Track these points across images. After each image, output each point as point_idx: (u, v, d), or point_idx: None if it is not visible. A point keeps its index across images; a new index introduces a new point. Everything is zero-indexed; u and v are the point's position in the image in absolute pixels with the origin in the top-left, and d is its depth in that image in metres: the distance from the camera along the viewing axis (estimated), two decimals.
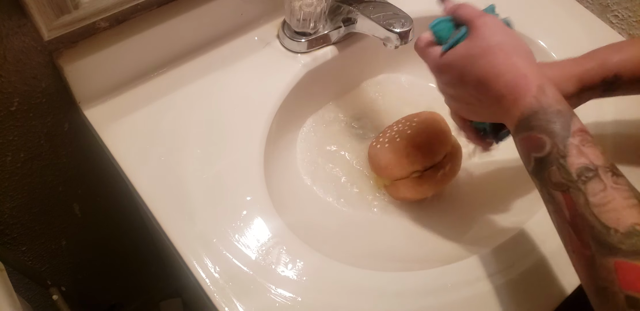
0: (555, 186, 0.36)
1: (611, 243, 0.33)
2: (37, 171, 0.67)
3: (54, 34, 0.50)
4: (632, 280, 0.31)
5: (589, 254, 0.33)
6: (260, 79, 0.62)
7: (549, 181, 0.37)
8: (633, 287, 0.31)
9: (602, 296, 0.33)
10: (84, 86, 0.57)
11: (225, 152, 0.57)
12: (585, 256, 0.34)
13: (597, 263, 0.33)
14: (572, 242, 0.35)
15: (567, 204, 0.35)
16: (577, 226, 0.34)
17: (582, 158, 0.36)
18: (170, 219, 0.53)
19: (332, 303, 0.50)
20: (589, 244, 0.34)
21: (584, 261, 0.34)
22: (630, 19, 0.72)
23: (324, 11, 0.61)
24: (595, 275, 0.33)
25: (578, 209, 0.34)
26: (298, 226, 0.55)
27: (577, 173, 0.35)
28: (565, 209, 0.35)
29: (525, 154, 0.39)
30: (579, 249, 0.34)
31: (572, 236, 0.35)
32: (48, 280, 0.78)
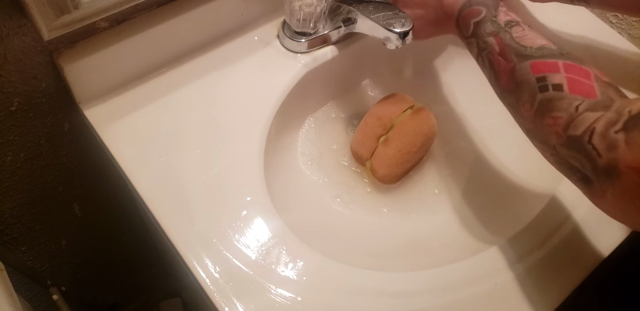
0: (489, 34, 0.50)
1: (527, 54, 0.46)
2: (37, 171, 0.67)
3: (54, 34, 0.50)
4: (539, 68, 0.44)
5: (512, 65, 0.46)
6: (260, 79, 0.62)
7: (484, 33, 0.50)
8: (540, 71, 0.44)
9: (520, 86, 0.45)
10: (84, 86, 0.57)
11: (226, 152, 0.57)
12: (509, 68, 0.47)
13: (517, 68, 0.46)
14: (500, 64, 0.47)
15: (497, 42, 0.49)
16: (504, 52, 0.48)
17: (508, 16, 0.50)
18: (170, 219, 0.53)
19: (332, 303, 0.50)
20: (512, 59, 0.46)
21: (508, 71, 0.46)
22: (630, 18, 0.72)
23: (324, 11, 0.61)
24: (516, 75, 0.45)
25: (505, 42, 0.48)
26: (298, 226, 0.55)
27: (505, 23, 0.50)
28: (495, 45, 0.49)
29: (466, 23, 0.52)
30: (505, 65, 0.47)
31: (500, 60, 0.48)
32: (48, 280, 0.78)
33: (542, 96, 0.42)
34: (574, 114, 0.39)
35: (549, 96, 0.42)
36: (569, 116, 0.39)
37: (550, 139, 0.41)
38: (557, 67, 0.43)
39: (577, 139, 0.37)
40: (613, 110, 0.37)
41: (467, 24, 0.52)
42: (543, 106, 0.42)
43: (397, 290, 0.51)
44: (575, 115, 0.39)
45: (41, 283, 0.78)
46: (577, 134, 0.37)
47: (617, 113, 0.36)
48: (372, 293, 0.51)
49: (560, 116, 0.40)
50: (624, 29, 0.74)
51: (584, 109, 0.39)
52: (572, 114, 0.39)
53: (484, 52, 0.50)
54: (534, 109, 0.43)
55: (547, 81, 0.43)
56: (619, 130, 0.34)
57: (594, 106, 0.39)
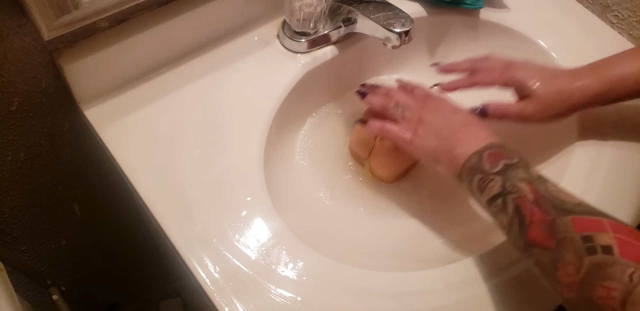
0: (521, 179, 0.46)
1: (567, 208, 0.42)
2: (37, 170, 0.67)
3: (54, 34, 0.50)
4: (584, 226, 0.40)
5: (550, 218, 0.42)
6: (260, 79, 0.62)
7: (515, 177, 0.46)
8: (585, 230, 0.39)
9: (561, 245, 0.40)
10: (84, 85, 0.57)
11: (225, 153, 0.57)
12: (546, 220, 0.42)
13: (557, 222, 0.41)
14: (534, 214, 0.43)
15: (531, 189, 0.45)
16: (539, 203, 0.43)
17: (538, 172, 0.47)
18: (170, 219, 0.53)
19: (332, 303, 0.50)
20: (550, 212, 0.42)
21: (545, 224, 0.42)
22: (630, 19, 0.72)
23: (324, 11, 0.61)
24: (556, 230, 0.41)
25: (540, 192, 0.44)
26: (298, 226, 0.55)
27: (538, 176, 0.47)
28: (529, 193, 0.44)
29: (494, 161, 0.48)
30: (540, 217, 0.42)
31: (534, 210, 0.43)
32: (48, 280, 0.78)
33: (591, 260, 0.37)
34: (629, 285, 0.34)
35: (598, 259, 0.37)
36: (624, 287, 0.34)
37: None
38: (602, 226, 0.39)
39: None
40: None
41: (496, 161, 0.48)
42: (593, 272, 0.36)
43: (397, 290, 0.51)
44: (631, 287, 0.34)
45: (41, 283, 0.78)
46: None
47: None
48: (372, 293, 0.51)
49: (614, 286, 0.34)
50: (624, 29, 0.74)
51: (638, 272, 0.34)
52: (627, 286, 0.34)
53: (511, 195, 0.45)
54: (580, 275, 0.37)
55: (594, 242, 0.38)
56: None
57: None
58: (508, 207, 0.45)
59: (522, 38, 0.69)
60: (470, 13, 0.70)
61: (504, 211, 0.45)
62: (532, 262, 0.43)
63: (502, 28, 0.70)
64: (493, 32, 0.71)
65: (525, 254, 0.43)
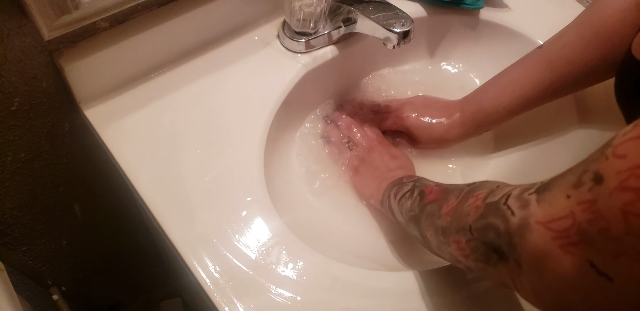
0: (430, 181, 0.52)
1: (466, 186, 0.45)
2: (38, 171, 0.68)
3: (54, 34, 0.50)
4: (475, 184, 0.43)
5: (445, 187, 0.47)
6: (260, 79, 0.62)
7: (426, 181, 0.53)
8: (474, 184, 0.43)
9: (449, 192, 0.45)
10: (84, 86, 0.57)
11: (226, 153, 0.57)
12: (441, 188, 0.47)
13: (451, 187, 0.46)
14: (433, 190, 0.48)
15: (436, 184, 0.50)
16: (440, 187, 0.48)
17: None
18: (171, 219, 0.53)
19: (332, 302, 0.50)
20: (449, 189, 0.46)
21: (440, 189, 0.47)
22: None
23: (324, 11, 0.61)
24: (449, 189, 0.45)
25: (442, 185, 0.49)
26: (298, 226, 0.55)
27: None
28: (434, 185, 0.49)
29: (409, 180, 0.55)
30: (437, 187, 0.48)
31: (433, 188, 0.48)
32: (48, 280, 0.78)
33: (469, 187, 0.42)
34: (494, 188, 0.39)
35: (475, 184, 0.42)
36: (490, 190, 0.39)
37: (468, 219, 0.39)
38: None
39: (494, 204, 0.36)
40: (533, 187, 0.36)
41: (411, 180, 0.55)
42: (468, 192, 0.41)
43: (397, 290, 0.51)
44: (495, 188, 0.39)
45: (41, 283, 0.78)
46: (495, 200, 0.36)
47: (531, 183, 0.36)
48: (372, 293, 0.51)
49: (482, 192, 0.39)
50: None
51: (503, 185, 0.39)
52: (492, 189, 0.39)
53: (418, 187, 0.51)
54: (458, 199, 0.42)
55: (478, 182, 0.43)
56: (532, 192, 0.33)
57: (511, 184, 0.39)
58: (414, 193, 0.50)
59: (522, 38, 0.69)
60: (470, 13, 0.70)
61: (410, 198, 0.50)
62: (423, 219, 0.46)
63: (502, 28, 0.70)
64: (493, 32, 0.71)
65: (419, 218, 0.47)
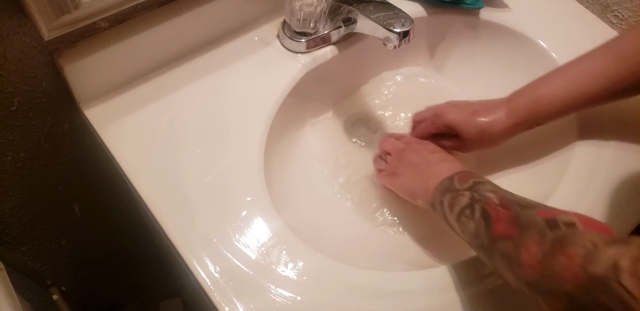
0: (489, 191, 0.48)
1: (532, 205, 0.44)
2: (37, 170, 0.67)
3: (54, 34, 0.50)
4: (548, 213, 0.41)
5: (514, 213, 0.43)
6: (260, 79, 0.62)
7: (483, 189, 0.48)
8: (549, 215, 0.40)
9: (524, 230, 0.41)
10: (84, 85, 0.57)
11: (226, 153, 0.57)
12: (509, 215, 0.43)
13: (521, 214, 0.42)
14: (499, 213, 0.44)
15: (497, 196, 0.46)
16: (505, 204, 0.45)
17: None
18: (171, 219, 0.53)
19: (332, 302, 0.50)
20: (515, 209, 0.43)
21: (510, 218, 0.43)
22: (630, 19, 0.72)
23: (324, 11, 0.61)
24: (520, 221, 0.42)
25: (506, 197, 0.46)
26: (298, 226, 0.55)
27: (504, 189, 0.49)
28: (494, 198, 0.46)
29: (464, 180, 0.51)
30: (505, 214, 0.43)
31: (499, 210, 0.44)
32: (48, 280, 0.78)
33: (554, 234, 0.37)
34: (591, 249, 0.33)
35: (561, 233, 0.37)
36: (586, 251, 0.33)
37: (565, 285, 0.34)
38: (567, 212, 0.41)
39: (602, 279, 0.31)
40: (635, 245, 0.32)
41: (466, 181, 0.50)
42: (555, 244, 0.36)
43: (397, 290, 0.51)
44: (593, 250, 0.33)
45: (41, 283, 0.78)
46: (600, 273, 0.31)
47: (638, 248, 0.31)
48: (372, 292, 0.51)
49: (575, 251, 0.34)
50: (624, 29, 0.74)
51: (602, 244, 0.33)
52: (589, 249, 0.33)
53: (479, 203, 0.46)
54: (543, 250, 0.37)
55: (557, 221, 0.39)
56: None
57: (611, 241, 0.34)
58: (475, 213, 0.46)
59: (522, 38, 0.69)
60: (470, 13, 0.70)
61: (471, 218, 0.46)
62: (497, 257, 0.42)
63: (502, 28, 0.70)
64: (493, 32, 0.71)
65: (489, 252, 0.43)
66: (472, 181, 0.50)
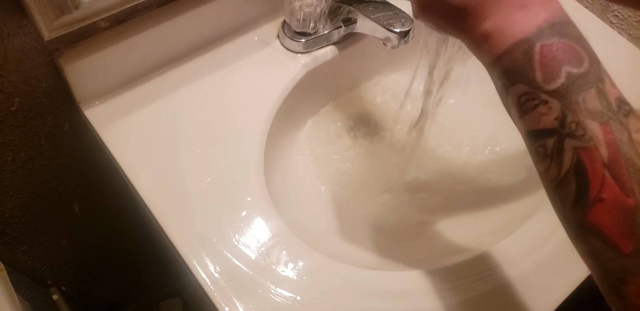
0: (593, 114, 0.29)
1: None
2: (38, 170, 0.68)
3: (54, 34, 0.50)
4: None
5: (633, 203, 0.27)
6: (260, 79, 0.62)
7: (583, 106, 0.29)
8: None
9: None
10: (84, 86, 0.57)
11: (226, 153, 0.57)
12: (625, 206, 0.28)
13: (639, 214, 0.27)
14: (605, 188, 0.28)
15: (607, 140, 0.28)
16: (618, 168, 0.28)
17: (614, 89, 0.30)
18: (171, 219, 0.53)
19: (332, 302, 0.50)
20: (634, 191, 0.28)
21: (622, 211, 0.28)
22: (630, 19, 0.73)
23: (324, 11, 0.61)
24: (636, 224, 0.27)
25: (620, 148, 0.28)
26: (298, 226, 0.55)
27: (617, 103, 0.29)
28: (603, 146, 0.28)
29: (551, 66, 0.31)
30: (616, 197, 0.28)
31: (606, 180, 0.28)
32: (48, 280, 0.78)
33: None
34: None
35: None
36: None
37: None
38: None
39: None
40: None
41: (554, 68, 0.31)
42: None
43: (397, 290, 0.51)
44: None
45: (41, 283, 0.78)
46: None
47: None
48: (373, 292, 0.51)
49: None
50: (624, 29, 0.74)
51: None
52: None
53: (572, 140, 0.29)
54: None
55: None
56: None
57: None
58: (564, 158, 0.30)
59: None
60: None
61: (555, 161, 0.30)
62: (584, 251, 0.31)
63: None
64: None
65: (573, 238, 0.31)
66: (565, 71, 0.30)
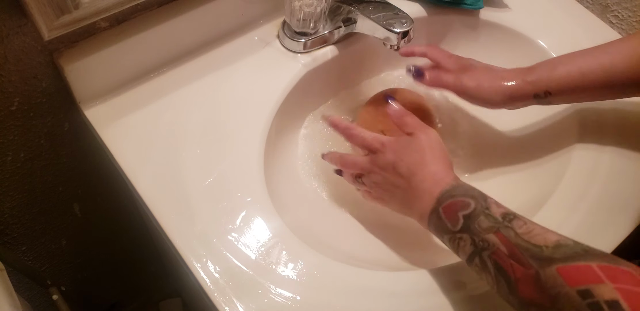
0: (487, 230, 0.43)
1: (547, 256, 0.39)
2: (37, 170, 0.67)
3: (54, 34, 0.50)
4: (575, 277, 0.37)
5: (534, 271, 0.39)
6: (260, 79, 0.62)
7: (479, 228, 0.44)
8: (579, 282, 0.37)
9: (558, 301, 0.37)
10: (84, 85, 0.57)
11: (226, 153, 0.57)
12: (530, 275, 0.39)
13: (542, 275, 0.38)
14: (515, 270, 0.40)
15: (502, 241, 0.42)
16: (515, 255, 0.41)
17: (500, 208, 0.45)
18: (171, 219, 0.53)
19: (331, 302, 0.50)
20: (531, 264, 0.40)
21: (531, 279, 0.39)
22: (630, 19, 0.73)
23: (324, 11, 0.61)
24: (546, 286, 0.38)
25: (512, 241, 0.42)
26: (298, 226, 0.55)
27: (501, 216, 0.44)
28: (500, 245, 0.42)
29: (452, 216, 0.46)
30: (524, 272, 0.40)
31: (514, 265, 0.41)
32: (48, 280, 0.78)
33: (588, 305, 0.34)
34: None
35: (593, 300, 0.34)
36: None
37: None
38: (595, 274, 0.36)
39: None
40: None
41: (454, 216, 0.46)
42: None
43: (397, 290, 0.51)
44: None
45: (41, 283, 0.78)
46: None
47: None
48: (372, 292, 0.51)
49: None
50: (624, 29, 0.74)
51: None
52: None
53: (485, 252, 0.43)
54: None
55: (595, 297, 0.35)
56: None
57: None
58: (488, 266, 0.43)
59: (522, 38, 0.69)
60: (470, 13, 0.70)
61: (486, 271, 0.43)
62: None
63: (502, 28, 0.70)
64: (493, 32, 0.71)
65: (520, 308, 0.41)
66: (460, 215, 0.46)
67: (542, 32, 0.70)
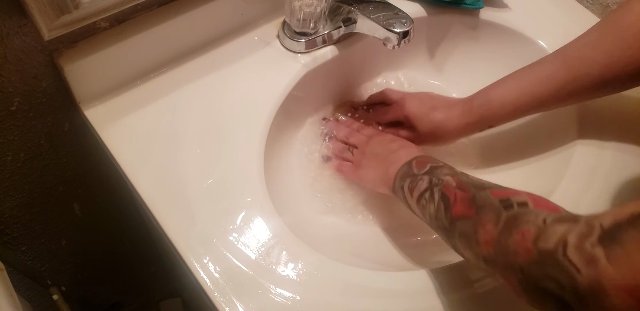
0: (445, 174, 0.50)
1: (487, 186, 0.46)
2: (37, 170, 0.67)
3: (54, 34, 0.50)
4: (502, 194, 0.43)
5: (471, 194, 0.45)
6: (260, 79, 0.62)
7: (440, 173, 0.51)
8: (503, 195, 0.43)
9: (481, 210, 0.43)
10: (84, 85, 0.57)
11: (226, 153, 0.57)
12: (466, 196, 0.45)
13: (476, 195, 0.44)
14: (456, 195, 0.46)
15: (454, 179, 0.48)
16: (462, 186, 0.47)
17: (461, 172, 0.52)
18: (171, 219, 0.53)
19: (331, 302, 0.50)
20: (470, 189, 0.46)
21: (466, 199, 0.45)
22: None
23: (324, 11, 0.61)
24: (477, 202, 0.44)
25: (462, 179, 0.48)
26: (298, 226, 0.55)
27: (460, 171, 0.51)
28: (452, 181, 0.48)
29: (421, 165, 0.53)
30: (462, 195, 0.46)
31: (457, 192, 0.46)
32: (48, 280, 0.78)
33: (507, 214, 0.40)
34: (542, 226, 0.36)
35: (514, 212, 0.40)
36: (537, 228, 0.36)
37: (518, 259, 0.36)
38: (519, 192, 0.43)
39: (550, 253, 0.33)
40: (582, 222, 0.34)
41: (423, 166, 0.53)
42: (509, 222, 0.39)
43: (397, 290, 0.51)
44: (544, 227, 0.36)
45: (41, 283, 0.78)
46: (549, 248, 0.34)
47: (587, 225, 0.33)
48: (372, 292, 0.51)
49: (528, 228, 0.37)
50: None
51: (552, 222, 0.36)
52: (540, 227, 0.36)
53: (437, 187, 0.49)
54: (498, 228, 0.39)
55: (511, 201, 0.41)
56: (595, 244, 0.31)
57: (561, 219, 0.36)
58: (434, 196, 0.48)
59: (522, 38, 0.69)
60: (470, 13, 0.70)
61: (431, 201, 0.48)
62: (456, 236, 0.45)
63: (502, 28, 0.70)
64: (493, 32, 0.71)
65: (449, 231, 0.46)
66: (429, 165, 0.52)
67: (542, 32, 0.69)
